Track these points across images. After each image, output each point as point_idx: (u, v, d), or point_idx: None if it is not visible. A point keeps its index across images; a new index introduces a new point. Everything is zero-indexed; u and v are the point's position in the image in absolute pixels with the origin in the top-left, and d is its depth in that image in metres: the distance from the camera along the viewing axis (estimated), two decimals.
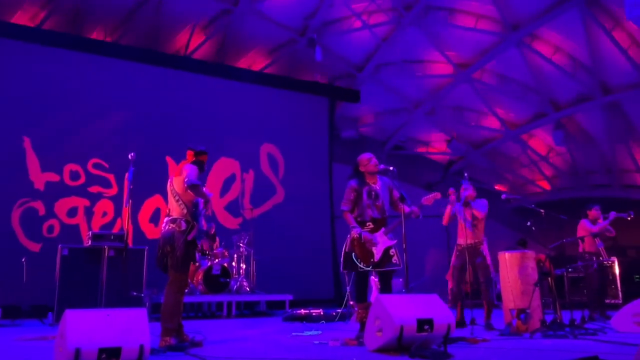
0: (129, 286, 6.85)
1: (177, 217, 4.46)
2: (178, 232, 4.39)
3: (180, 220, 4.43)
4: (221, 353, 4.05)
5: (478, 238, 5.99)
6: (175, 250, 4.37)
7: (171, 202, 4.56)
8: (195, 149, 4.68)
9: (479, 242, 5.97)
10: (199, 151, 4.67)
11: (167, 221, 4.50)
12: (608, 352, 3.74)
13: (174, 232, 4.40)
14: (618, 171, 12.47)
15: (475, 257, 5.94)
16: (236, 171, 10.71)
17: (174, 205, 4.52)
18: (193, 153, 4.66)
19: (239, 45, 11.51)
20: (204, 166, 4.67)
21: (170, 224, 4.45)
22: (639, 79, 10.46)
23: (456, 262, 6.10)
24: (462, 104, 13.02)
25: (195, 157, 4.64)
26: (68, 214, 8.97)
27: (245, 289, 8.58)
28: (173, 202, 4.53)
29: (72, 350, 3.21)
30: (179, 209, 4.47)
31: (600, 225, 7.01)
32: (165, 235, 4.44)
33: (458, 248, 6.12)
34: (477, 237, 5.99)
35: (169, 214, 4.55)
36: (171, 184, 4.59)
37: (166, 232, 4.45)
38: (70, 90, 9.34)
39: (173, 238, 4.39)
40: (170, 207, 4.57)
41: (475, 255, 5.94)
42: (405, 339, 3.76)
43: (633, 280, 9.91)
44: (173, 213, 4.51)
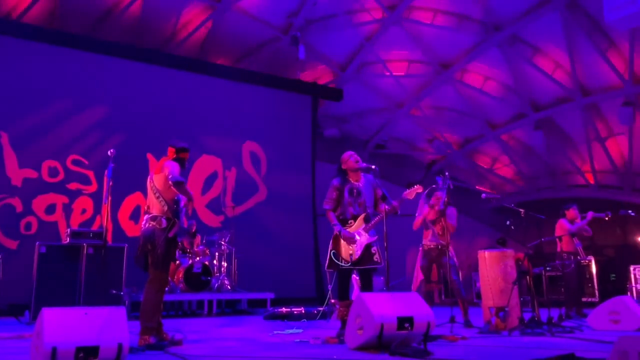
0: (108, 284, 6.77)
1: (157, 214, 4.40)
2: (159, 229, 4.35)
3: (160, 217, 4.38)
4: (201, 351, 4.03)
5: (445, 240, 6.02)
6: (156, 248, 4.32)
7: (151, 199, 4.50)
8: (176, 145, 4.61)
9: (446, 245, 5.99)
10: (180, 148, 4.61)
11: (147, 219, 4.44)
12: (584, 349, 3.81)
13: (155, 229, 4.35)
14: (595, 172, 12.68)
15: (441, 257, 5.98)
16: (218, 169, 10.65)
17: (154, 203, 4.46)
18: (174, 150, 4.59)
19: (221, 42, 11.44)
20: (185, 163, 4.62)
21: (151, 221, 4.39)
22: (616, 81, 10.63)
23: (423, 262, 6.14)
24: (444, 104, 13.11)
25: (176, 154, 4.58)
26: (46, 210, 8.83)
27: (226, 287, 8.54)
28: (153, 199, 4.47)
29: (49, 350, 3.16)
30: (159, 206, 4.42)
31: (578, 225, 7.12)
32: (146, 233, 4.38)
33: (424, 248, 6.15)
34: (445, 240, 6.02)
35: (149, 211, 4.49)
36: (151, 180, 4.53)
37: (146, 229, 4.39)
38: (49, 85, 9.19)
39: (154, 236, 4.34)
40: (150, 204, 4.51)
41: (442, 255, 5.98)
42: (385, 337, 3.78)
43: (609, 279, 10.12)
44: (153, 210, 4.46)
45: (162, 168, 4.47)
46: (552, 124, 12.41)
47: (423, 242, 6.20)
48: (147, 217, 4.44)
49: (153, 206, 4.47)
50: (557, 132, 12.53)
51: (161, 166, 4.50)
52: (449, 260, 5.87)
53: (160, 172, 4.47)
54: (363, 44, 11.71)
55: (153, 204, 4.47)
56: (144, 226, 4.44)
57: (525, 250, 5.85)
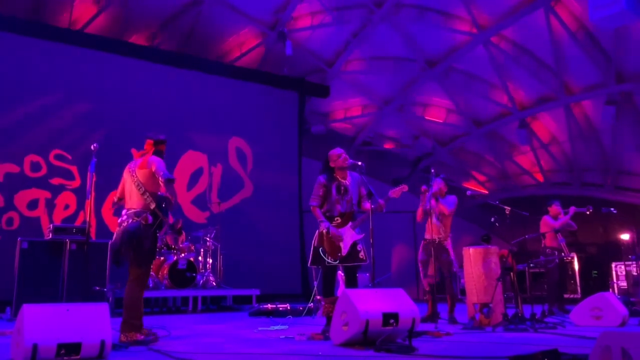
0: (91, 281, 6.70)
1: (141, 210, 4.32)
2: (144, 225, 4.27)
3: (145, 213, 4.30)
4: (185, 348, 4.00)
5: (444, 234, 6.08)
6: (142, 244, 4.24)
7: (134, 195, 4.39)
8: (155, 138, 4.53)
9: (444, 238, 6.05)
10: (159, 140, 4.53)
11: (131, 214, 4.32)
12: (567, 345, 3.85)
13: (141, 225, 4.26)
14: (578, 170, 12.82)
15: (440, 252, 6.03)
16: (204, 165, 10.58)
17: (138, 198, 4.36)
18: (152, 142, 4.51)
19: (207, 37, 11.36)
20: (163, 155, 4.56)
21: (135, 217, 4.29)
22: (599, 80, 10.75)
23: (422, 256, 6.19)
24: (431, 101, 13.16)
25: (154, 146, 4.50)
26: (28, 206, 8.71)
27: (211, 284, 8.50)
28: (137, 194, 4.36)
29: (30, 346, 3.12)
30: (144, 202, 4.33)
31: (562, 221, 7.20)
32: (130, 229, 4.25)
33: (424, 242, 6.20)
34: (443, 233, 6.09)
35: (129, 207, 4.38)
36: (134, 175, 4.41)
37: (130, 225, 4.27)
38: (31, 79, 9.06)
39: (139, 232, 4.25)
40: (132, 200, 4.39)
41: (441, 250, 6.03)
42: (370, 333, 3.79)
43: (591, 275, 10.25)
44: (136, 206, 4.35)
45: (147, 163, 4.38)
46: (537, 123, 12.53)
47: (424, 236, 6.25)
48: (130, 213, 4.33)
49: (136, 202, 4.36)
50: (543, 131, 12.65)
51: (146, 161, 4.40)
52: (447, 256, 5.93)
53: (145, 168, 4.38)
54: (350, 40, 11.69)
55: (136, 199, 4.37)
56: (126, 222, 4.31)
57: (509, 247, 5.90)
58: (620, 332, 2.19)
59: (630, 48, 9.89)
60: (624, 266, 9.49)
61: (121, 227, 4.32)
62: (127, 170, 4.50)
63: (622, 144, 11.56)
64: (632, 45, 9.82)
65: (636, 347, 2.05)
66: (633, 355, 2.05)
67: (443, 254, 6.00)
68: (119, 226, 4.36)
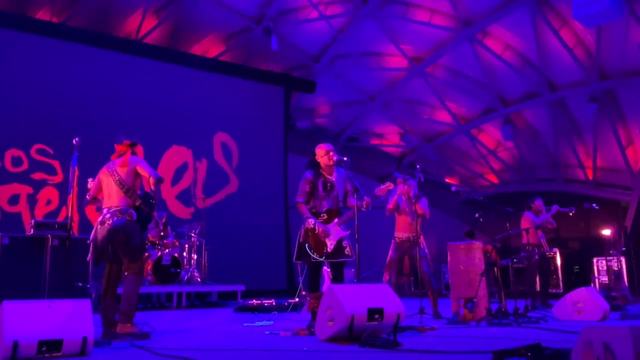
0: (74, 277, 6.61)
1: (125, 207, 4.34)
2: (130, 221, 4.31)
3: (129, 210, 4.33)
4: (169, 344, 3.97)
5: (417, 232, 6.08)
6: (132, 239, 4.31)
7: (115, 194, 4.39)
8: (131, 140, 4.58)
9: (417, 236, 6.05)
10: (133, 143, 4.59)
11: (115, 212, 4.32)
12: (549, 339, 3.89)
13: (127, 222, 4.30)
14: (561, 166, 12.98)
15: (412, 249, 6.04)
16: (188, 160, 10.51)
17: (120, 196, 4.36)
18: (129, 144, 4.56)
19: (193, 31, 11.26)
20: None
21: (119, 214, 4.31)
22: (582, 78, 10.88)
23: (394, 254, 6.18)
24: (416, 98, 13.20)
25: (130, 147, 4.55)
26: (9, 201, 8.58)
27: (196, 280, 8.46)
28: (119, 193, 4.37)
29: (10, 344, 3.08)
30: (127, 200, 4.36)
31: (543, 218, 7.27)
32: (117, 226, 4.27)
33: (396, 241, 6.19)
34: (417, 231, 6.08)
35: (111, 205, 4.37)
36: (115, 174, 4.41)
37: (117, 222, 4.28)
38: (12, 71, 8.91)
39: (127, 228, 4.29)
40: (113, 198, 4.39)
41: (413, 247, 6.03)
42: (356, 328, 3.79)
43: (573, 270, 10.37)
44: (118, 204, 4.36)
45: (129, 162, 4.43)
46: (521, 119, 12.64)
47: (395, 235, 6.23)
48: (114, 211, 4.32)
49: (118, 200, 4.37)
50: (526, 127, 12.77)
51: (127, 160, 4.45)
52: (420, 251, 5.92)
53: (127, 166, 4.42)
54: (336, 36, 11.67)
55: (118, 197, 4.37)
56: (110, 220, 4.29)
57: (493, 243, 5.94)
58: (602, 327, 2.22)
59: (613, 46, 10.01)
60: (605, 261, 9.62)
61: (105, 225, 4.31)
62: (105, 172, 4.51)
63: (604, 141, 11.72)
64: (614, 43, 9.94)
65: (617, 341, 2.07)
66: (614, 350, 2.07)
67: (415, 250, 6.00)
68: (101, 224, 4.34)
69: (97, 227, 4.38)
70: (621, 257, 8.95)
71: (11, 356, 3.08)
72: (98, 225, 4.37)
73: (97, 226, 4.38)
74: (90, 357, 3.34)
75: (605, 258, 9.61)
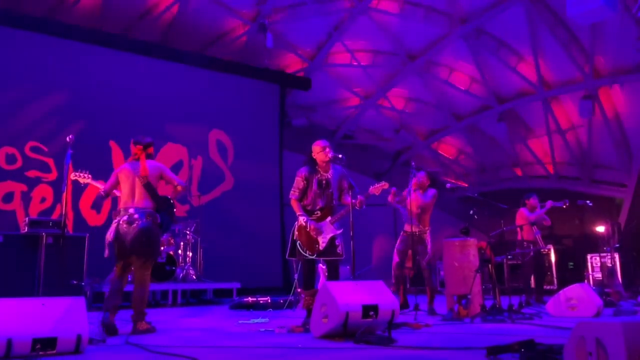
0: (69, 275, 6.60)
1: (151, 210, 4.57)
2: (155, 225, 4.55)
3: (155, 214, 4.58)
4: (164, 342, 3.97)
5: (423, 227, 6.13)
6: (156, 242, 4.60)
7: (142, 195, 4.57)
8: (143, 142, 4.72)
9: (423, 231, 6.10)
10: (148, 143, 4.75)
11: (144, 213, 4.51)
12: (543, 335, 3.92)
13: (153, 224, 4.53)
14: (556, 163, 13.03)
15: (418, 244, 6.08)
16: (184, 157, 10.48)
17: (147, 198, 4.57)
18: (142, 147, 4.70)
19: (187, 28, 11.22)
20: (154, 157, 4.88)
21: (147, 217, 4.51)
22: (576, 75, 10.90)
23: (400, 246, 6.25)
24: (411, 95, 13.21)
25: (144, 150, 4.69)
26: (3, 199, 8.54)
27: (191, 277, 8.45)
28: (145, 195, 4.57)
29: (4, 341, 3.07)
30: (152, 203, 4.59)
31: (537, 214, 7.30)
32: (147, 227, 4.48)
33: (404, 234, 6.26)
34: (422, 226, 6.14)
35: (137, 206, 4.54)
36: (142, 177, 4.56)
37: (145, 224, 4.47)
38: (5, 69, 8.85)
39: (154, 230, 4.53)
40: (139, 198, 4.56)
41: (419, 242, 6.08)
42: (350, 325, 3.81)
43: (567, 267, 10.42)
44: (144, 205, 4.55)
45: (156, 168, 4.67)
46: (515, 115, 12.67)
47: (404, 228, 6.31)
48: (143, 212, 4.51)
49: (144, 201, 4.56)
50: (520, 124, 12.80)
51: (154, 166, 4.68)
52: (425, 248, 5.99)
53: (152, 172, 4.62)
54: (331, 33, 11.66)
55: (144, 198, 4.57)
56: (139, 220, 4.47)
57: (487, 239, 5.97)
58: (595, 323, 2.23)
59: (606, 43, 10.05)
60: (599, 258, 9.68)
61: (133, 224, 4.46)
62: (129, 171, 4.64)
63: (598, 137, 11.77)
64: (608, 41, 9.97)
65: (609, 337, 2.09)
66: (606, 345, 2.09)
67: (419, 246, 6.05)
68: (128, 223, 4.47)
69: (122, 224, 4.49)
70: (615, 253, 9.00)
71: (5, 354, 3.08)
72: (124, 224, 4.48)
73: (121, 224, 4.49)
74: (85, 355, 3.33)
75: (599, 254, 9.66)
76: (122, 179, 4.65)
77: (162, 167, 4.77)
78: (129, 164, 4.73)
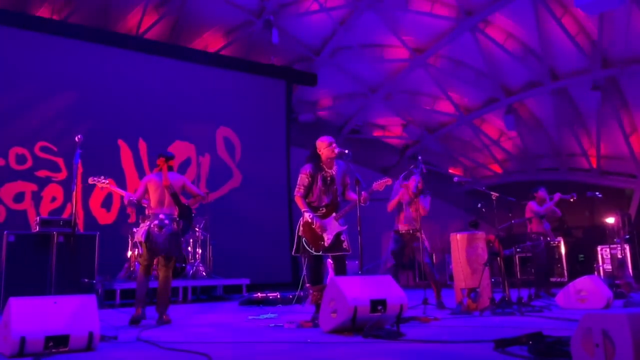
0: (80, 273, 6.67)
1: (176, 217, 5.14)
2: (178, 230, 5.12)
3: (179, 220, 5.15)
4: (174, 338, 4.01)
5: (418, 225, 6.08)
6: (180, 244, 5.20)
7: (170, 202, 5.11)
8: (166, 155, 5.26)
9: (418, 229, 6.05)
10: (169, 157, 5.29)
11: (172, 220, 5.08)
12: (552, 327, 3.91)
13: (177, 230, 5.11)
14: (565, 155, 12.94)
15: (413, 241, 6.06)
16: (192, 155, 10.53)
17: (173, 206, 5.13)
18: (164, 159, 5.22)
19: (193, 26, 11.25)
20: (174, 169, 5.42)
21: (174, 223, 5.10)
22: (585, 66, 10.82)
23: (395, 246, 6.19)
24: (418, 89, 13.17)
25: (166, 162, 5.21)
26: (14, 199, 8.63)
27: (201, 274, 8.50)
28: (172, 203, 5.12)
29: (17, 339, 3.12)
30: (176, 210, 5.17)
31: (546, 206, 7.27)
32: (176, 231, 5.09)
33: (396, 234, 6.21)
34: (417, 225, 6.09)
35: (166, 212, 5.07)
36: (169, 186, 5.09)
37: (175, 229, 5.08)
38: (15, 69, 8.94)
39: (178, 235, 5.12)
40: (166, 206, 5.10)
41: (413, 240, 6.05)
42: (359, 320, 3.82)
43: (578, 259, 10.36)
44: (172, 212, 5.11)
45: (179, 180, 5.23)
46: (524, 108, 12.60)
47: (395, 227, 6.25)
48: (172, 218, 5.09)
49: (171, 208, 5.13)
50: (529, 116, 12.72)
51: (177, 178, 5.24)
52: (421, 243, 5.93)
53: (177, 182, 5.20)
54: (337, 28, 11.64)
55: (171, 206, 5.13)
56: (170, 226, 5.03)
57: (496, 232, 5.95)
58: (601, 314, 2.23)
59: (615, 33, 9.95)
60: (609, 249, 9.61)
61: (164, 229, 5.00)
62: (156, 182, 5.15)
63: (607, 128, 11.67)
64: (617, 31, 9.87)
65: (616, 328, 2.09)
66: (612, 336, 2.09)
67: (415, 242, 6.02)
68: (159, 227, 4.99)
69: (153, 228, 5.00)
70: (625, 245, 8.94)
71: (19, 352, 3.13)
72: (155, 228, 4.99)
73: (153, 228, 5.00)
74: (97, 352, 3.38)
75: (609, 246, 9.60)
76: (151, 188, 5.14)
77: (184, 178, 5.34)
78: (155, 175, 5.21)
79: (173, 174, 5.24)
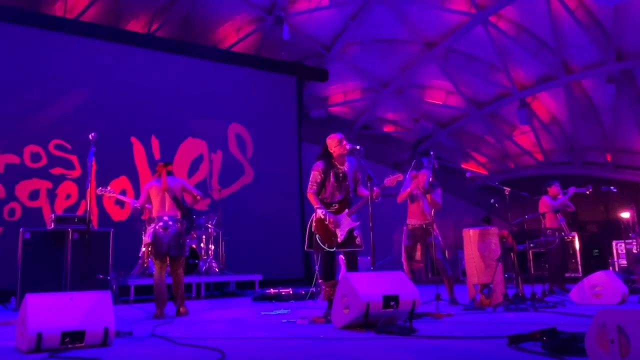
0: (95, 269, 6.74)
1: (180, 217, 5.53)
2: (182, 230, 5.53)
3: (182, 220, 5.55)
4: (188, 333, 4.04)
5: (431, 219, 6.06)
6: (184, 243, 5.61)
7: (171, 205, 5.51)
8: (164, 161, 5.76)
9: (431, 223, 6.04)
10: (167, 162, 5.77)
11: (176, 220, 5.49)
12: (566, 323, 3.89)
13: (181, 230, 5.51)
14: (579, 149, 12.80)
15: (426, 236, 6.03)
16: (204, 151, 10.58)
17: (175, 208, 5.51)
18: (163, 165, 5.66)
19: (204, 23, 11.27)
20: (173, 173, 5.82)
21: (178, 223, 5.50)
22: (599, 59, 10.69)
23: (408, 241, 6.17)
24: (430, 83, 13.09)
25: (165, 167, 5.62)
26: (30, 196, 8.73)
27: (214, 270, 8.55)
28: (173, 205, 5.51)
29: (34, 335, 3.17)
30: (178, 212, 5.54)
31: (560, 201, 7.21)
32: (180, 231, 5.49)
33: (409, 228, 6.19)
34: (430, 219, 6.07)
35: (169, 214, 5.45)
36: (169, 190, 5.48)
37: (179, 230, 5.49)
38: (29, 69, 9.02)
39: (182, 234, 5.53)
40: (169, 208, 5.49)
41: (427, 234, 6.02)
42: (371, 316, 3.83)
43: (592, 254, 10.28)
44: (174, 213, 5.49)
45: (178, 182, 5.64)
46: (537, 102, 12.48)
47: (408, 222, 6.24)
48: (175, 219, 5.48)
49: (173, 210, 5.50)
50: (543, 110, 12.60)
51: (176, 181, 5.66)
52: (434, 239, 5.92)
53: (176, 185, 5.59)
54: (348, 23, 11.60)
55: (173, 208, 5.51)
56: (173, 226, 5.44)
57: (509, 228, 5.92)
58: (616, 310, 2.22)
59: (630, 26, 9.81)
60: (624, 244, 9.53)
61: (169, 229, 5.42)
62: (157, 187, 5.55)
63: (622, 122, 11.53)
64: (632, 23, 9.74)
65: (631, 323, 2.07)
66: (628, 332, 2.07)
67: (429, 237, 6.00)
68: (164, 229, 5.41)
69: (158, 229, 5.40)
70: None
71: (35, 347, 3.17)
72: (160, 229, 5.40)
73: (158, 229, 5.41)
74: (112, 347, 3.42)
75: (624, 241, 9.51)
76: (153, 193, 5.54)
77: (183, 181, 5.77)
78: (155, 180, 5.62)
79: (172, 178, 5.62)
